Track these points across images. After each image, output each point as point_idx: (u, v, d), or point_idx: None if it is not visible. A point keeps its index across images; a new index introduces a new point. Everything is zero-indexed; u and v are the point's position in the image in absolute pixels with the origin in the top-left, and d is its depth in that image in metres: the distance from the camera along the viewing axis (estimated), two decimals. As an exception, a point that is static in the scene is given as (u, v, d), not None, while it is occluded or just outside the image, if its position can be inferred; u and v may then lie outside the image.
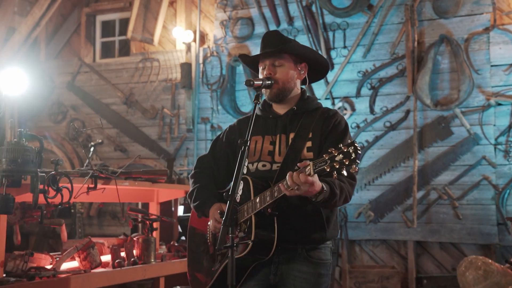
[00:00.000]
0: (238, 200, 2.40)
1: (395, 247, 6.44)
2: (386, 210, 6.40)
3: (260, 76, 2.78)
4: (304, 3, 6.83)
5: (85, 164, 5.46)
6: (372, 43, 6.53)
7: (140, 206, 5.36)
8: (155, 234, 4.16)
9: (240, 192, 2.51)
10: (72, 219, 7.38)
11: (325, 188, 2.39)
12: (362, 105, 6.57)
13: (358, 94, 6.57)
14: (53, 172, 3.12)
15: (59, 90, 8.12)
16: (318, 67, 2.85)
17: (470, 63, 6.09)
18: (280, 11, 6.94)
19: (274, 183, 2.54)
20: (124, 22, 8.02)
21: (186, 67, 7.26)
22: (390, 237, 6.40)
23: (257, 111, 2.86)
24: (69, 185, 3.23)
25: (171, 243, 4.56)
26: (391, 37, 6.48)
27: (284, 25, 6.93)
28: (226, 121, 7.05)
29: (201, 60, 7.35)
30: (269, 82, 2.68)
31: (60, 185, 3.19)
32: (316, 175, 2.28)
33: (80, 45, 8.17)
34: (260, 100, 2.63)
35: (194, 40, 7.37)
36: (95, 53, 8.22)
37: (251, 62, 2.92)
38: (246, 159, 2.51)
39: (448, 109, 6.17)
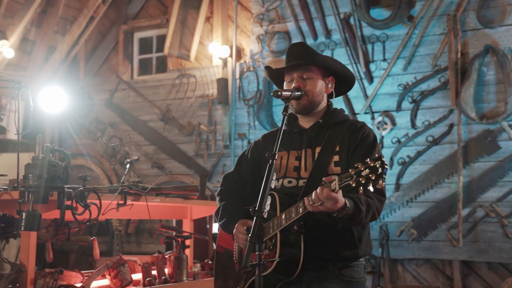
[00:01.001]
0: (265, 216, 2.32)
1: (440, 266, 6.19)
2: (429, 228, 6.16)
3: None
4: (342, 16, 6.69)
5: (121, 181, 5.43)
6: (413, 55, 6.33)
7: (174, 224, 5.28)
8: (187, 251, 4.05)
9: (267, 208, 2.41)
10: (110, 236, 7.38)
11: (348, 205, 2.32)
12: (403, 119, 6.35)
13: (398, 108, 6.37)
14: (81, 188, 3.05)
15: (97, 108, 8.17)
16: (344, 81, 2.78)
17: (517, 74, 5.82)
18: (318, 24, 6.82)
19: (300, 199, 2.44)
20: (161, 39, 8.04)
21: (222, 83, 7.20)
22: (434, 256, 6.15)
23: (285, 126, 2.77)
24: (97, 201, 3.15)
25: (205, 261, 4.45)
26: (433, 48, 6.27)
27: (321, 39, 6.79)
28: (263, 136, 6.93)
29: (237, 76, 7.28)
30: (299, 93, 2.60)
31: (88, 201, 3.11)
32: (340, 190, 2.21)
33: (118, 62, 8.23)
34: (288, 112, 2.55)
35: (231, 55, 7.31)
36: (133, 70, 8.25)
37: (276, 76, 2.84)
38: (274, 173, 2.41)
39: (495, 122, 5.90)
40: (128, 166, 6.05)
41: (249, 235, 2.21)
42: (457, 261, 6.03)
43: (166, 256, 3.94)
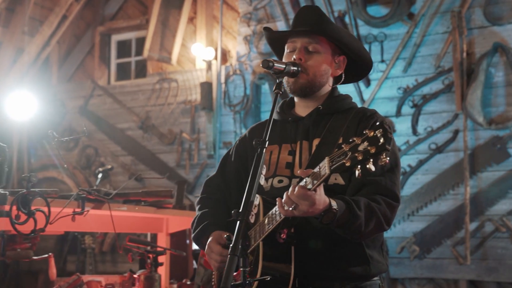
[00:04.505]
0: (252, 220, 1.90)
1: (445, 287, 5.69)
2: (433, 245, 5.66)
3: (285, 61, 2.15)
4: (336, 14, 6.20)
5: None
6: (413, 56, 5.83)
7: (149, 239, 4.68)
8: (161, 270, 3.45)
9: (255, 210, 1.96)
10: (82, 255, 6.76)
11: (334, 207, 1.80)
12: (403, 125, 5.85)
13: (398, 113, 5.86)
14: (23, 191, 2.45)
15: (71, 115, 7.61)
16: (358, 65, 2.25)
17: (529, 75, 5.35)
18: (310, 23, 6.31)
19: None
20: (141, 42, 7.52)
21: (206, 87, 6.66)
22: (438, 275, 5.63)
23: (276, 115, 2.27)
24: (45, 208, 2.55)
25: (183, 281, 3.88)
26: (436, 48, 5.78)
27: (314, 39, 6.29)
28: (251, 145, 6.40)
29: (223, 79, 6.75)
30: (295, 68, 2.07)
31: (33, 207, 2.51)
32: (321, 188, 1.77)
33: (94, 66, 7.69)
34: (282, 89, 2.01)
35: (215, 58, 6.79)
36: (110, 75, 7.73)
37: (277, 43, 2.29)
38: (264, 166, 1.85)
39: (505, 127, 5.41)
40: (100, 176, 5.46)
41: (231, 245, 1.71)
42: (464, 281, 5.53)
43: (135, 276, 3.35)
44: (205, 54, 6.74)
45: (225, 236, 2.03)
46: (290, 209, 1.76)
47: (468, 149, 5.53)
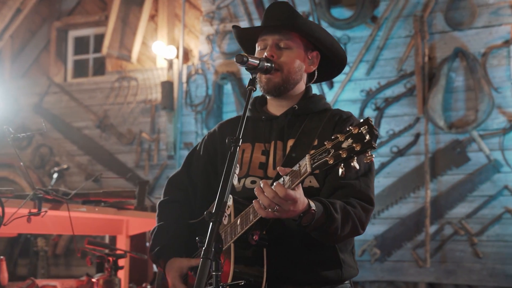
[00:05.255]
0: (225, 222, 1.82)
1: (405, 290, 5.70)
2: (394, 247, 5.67)
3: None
4: (300, 15, 6.15)
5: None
6: (376, 59, 5.84)
7: (107, 241, 4.52)
8: (121, 273, 3.31)
9: (228, 212, 1.89)
10: (34, 258, 6.49)
11: (313, 207, 1.74)
12: (365, 128, 5.83)
13: (361, 116, 5.85)
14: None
15: (24, 113, 7.32)
16: (332, 61, 2.17)
17: (489, 80, 5.41)
18: (273, 24, 6.25)
19: None
20: (99, 39, 7.31)
21: (167, 86, 6.51)
22: (398, 278, 5.64)
23: (247, 112, 2.15)
24: (-1, 208, 2.39)
25: (143, 285, 3.74)
26: (398, 52, 5.80)
27: (277, 40, 6.23)
28: (212, 146, 6.28)
29: (184, 79, 6.62)
30: (269, 64, 1.99)
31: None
32: (300, 187, 1.71)
33: (50, 63, 7.42)
34: (255, 86, 1.93)
35: (177, 57, 6.65)
36: (67, 71, 7.48)
37: (247, 41, 2.21)
38: (237, 165, 1.77)
39: (464, 132, 5.46)
40: (55, 176, 5.25)
41: (203, 247, 1.62)
42: (423, 284, 5.56)
43: (94, 280, 3.20)
44: (167, 52, 6.59)
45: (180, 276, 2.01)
46: (272, 210, 1.68)
47: (429, 153, 5.56)
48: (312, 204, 1.75)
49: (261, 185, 1.70)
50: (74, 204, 2.93)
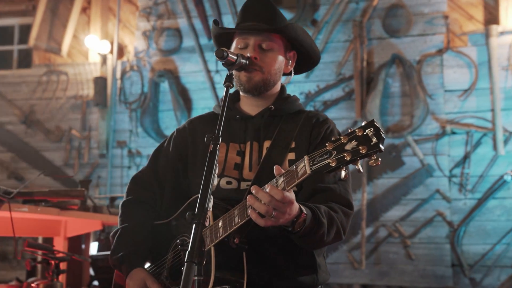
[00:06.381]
0: (207, 224, 1.65)
1: (339, 291, 5.75)
2: (330, 250, 5.68)
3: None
4: (240, 15, 6.08)
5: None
6: (316, 62, 5.86)
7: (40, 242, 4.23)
8: (62, 278, 3.09)
9: (209, 213, 1.78)
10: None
11: (304, 211, 1.69)
12: (304, 130, 5.84)
13: (299, 118, 5.85)
14: None
15: None
16: (306, 60, 2.16)
17: (424, 87, 5.57)
18: (213, 23, 6.14)
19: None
20: (26, 29, 6.91)
21: (100, 82, 6.25)
22: (333, 280, 5.65)
23: (218, 109, 2.12)
24: None
25: (81, 290, 3.52)
26: (337, 56, 5.86)
27: (217, 39, 6.13)
28: (147, 145, 6.08)
29: (118, 75, 6.37)
30: (244, 61, 1.91)
31: None
32: (292, 192, 1.63)
33: (-30, 53, 6.95)
34: (232, 83, 1.85)
35: (111, 52, 6.39)
36: (-12, 63, 7.02)
37: (223, 36, 2.14)
38: (217, 164, 1.69)
39: (400, 136, 5.59)
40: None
41: (188, 251, 1.51)
42: (357, 285, 5.63)
43: (33, 285, 2.97)
44: (100, 47, 6.33)
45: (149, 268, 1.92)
46: (270, 216, 1.60)
47: (366, 156, 5.63)
48: (303, 208, 1.69)
49: (254, 192, 1.61)
50: (15, 203, 2.70)
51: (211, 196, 1.80)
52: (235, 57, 1.87)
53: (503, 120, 5.38)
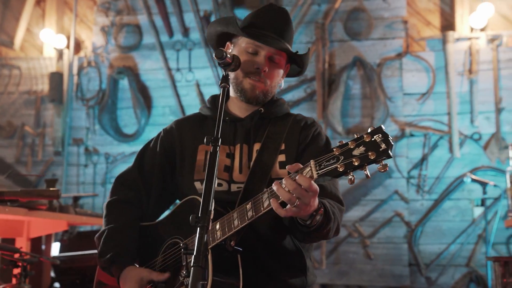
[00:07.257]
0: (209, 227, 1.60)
1: (298, 291, 5.71)
2: (290, 250, 5.67)
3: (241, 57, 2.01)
4: (202, 13, 6.03)
5: None
6: (278, 63, 5.87)
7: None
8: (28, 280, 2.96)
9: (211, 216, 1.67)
10: None
11: (321, 207, 1.71)
12: (265, 130, 5.84)
13: (261, 119, 5.84)
14: None
15: None
16: (292, 71, 2.21)
17: (383, 90, 5.68)
18: (174, 20, 6.07)
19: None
20: (-24, 21, 6.61)
21: (56, 78, 6.05)
22: (293, 280, 5.65)
23: (206, 111, 2.12)
24: None
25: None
26: (300, 57, 5.87)
27: (178, 37, 6.05)
28: (105, 143, 5.92)
29: (75, 71, 6.18)
30: (236, 64, 1.90)
31: None
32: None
33: None
34: (229, 83, 1.86)
35: (68, 47, 6.19)
36: None
37: (218, 35, 2.15)
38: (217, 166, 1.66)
39: (354, 138, 5.66)
40: None
41: (193, 255, 1.48)
42: (317, 285, 5.64)
43: (0, 288, 2.83)
44: (56, 41, 6.12)
45: (147, 280, 1.88)
46: (292, 205, 1.57)
47: (326, 157, 5.68)
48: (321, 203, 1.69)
49: (281, 181, 1.59)
50: (-18, 203, 2.57)
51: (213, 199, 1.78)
52: (232, 59, 1.86)
53: (459, 124, 5.55)
